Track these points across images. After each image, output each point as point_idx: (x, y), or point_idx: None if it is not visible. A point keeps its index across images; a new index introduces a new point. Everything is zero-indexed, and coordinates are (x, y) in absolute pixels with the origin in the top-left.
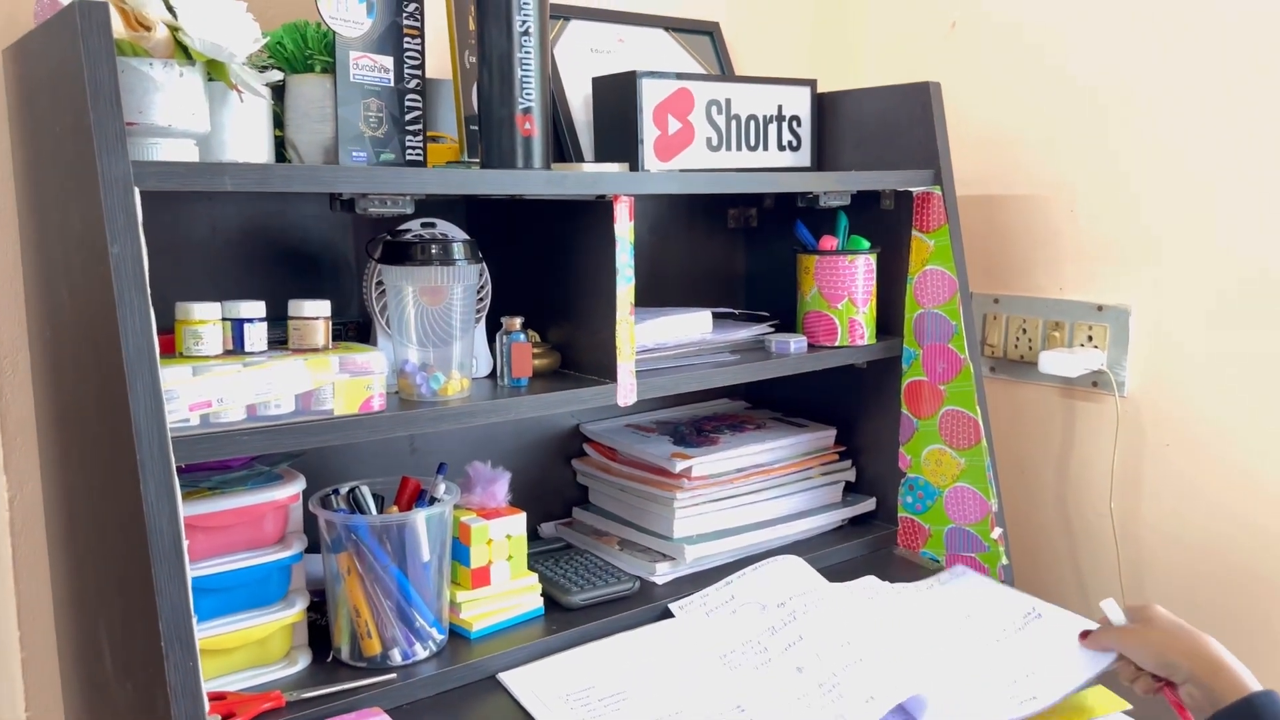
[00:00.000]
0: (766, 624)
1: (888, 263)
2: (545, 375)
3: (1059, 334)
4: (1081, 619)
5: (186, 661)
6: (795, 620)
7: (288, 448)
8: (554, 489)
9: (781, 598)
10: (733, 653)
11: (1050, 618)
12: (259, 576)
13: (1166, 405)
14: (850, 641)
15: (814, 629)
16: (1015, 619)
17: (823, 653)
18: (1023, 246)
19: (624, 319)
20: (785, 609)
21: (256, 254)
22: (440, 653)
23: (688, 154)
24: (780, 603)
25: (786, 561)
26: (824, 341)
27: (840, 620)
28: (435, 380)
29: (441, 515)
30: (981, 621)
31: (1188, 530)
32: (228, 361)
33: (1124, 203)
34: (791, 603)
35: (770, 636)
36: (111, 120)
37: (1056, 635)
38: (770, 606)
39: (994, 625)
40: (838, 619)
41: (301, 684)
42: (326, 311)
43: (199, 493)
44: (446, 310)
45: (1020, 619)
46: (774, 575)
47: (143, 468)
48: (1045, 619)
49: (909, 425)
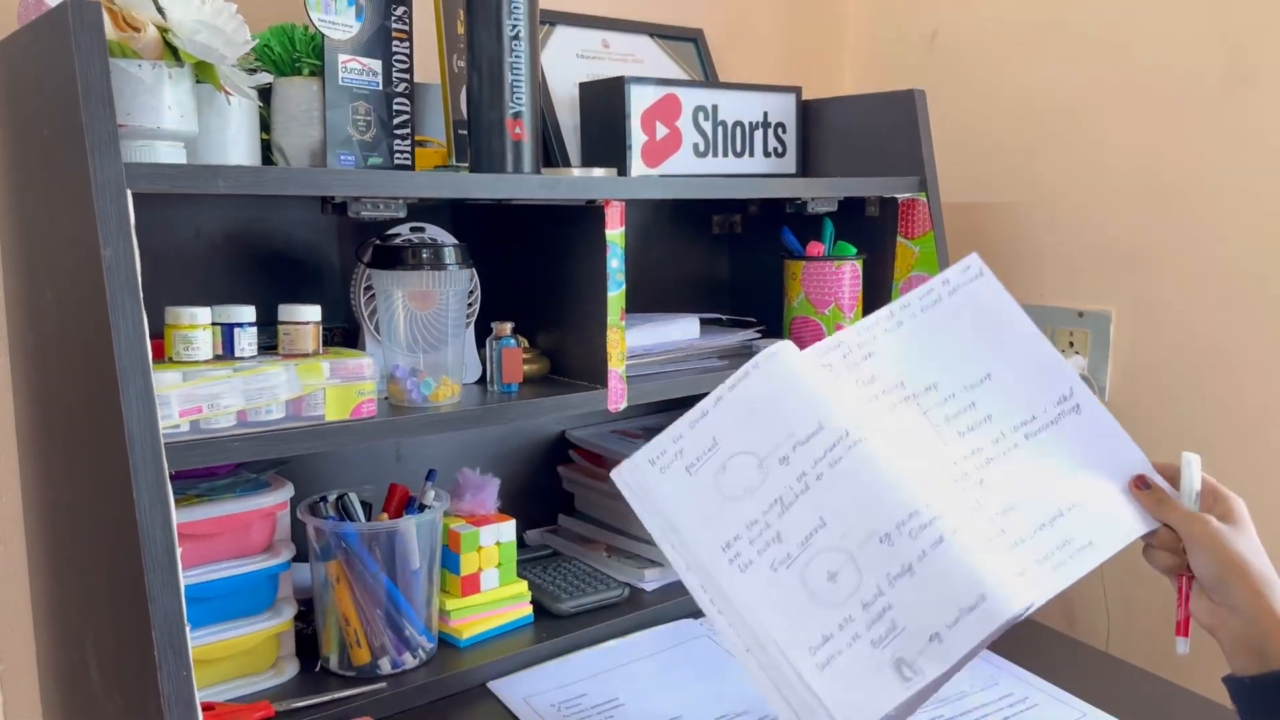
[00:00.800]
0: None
1: (873, 269)
2: (535, 381)
3: None
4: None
5: (180, 672)
6: (809, 490)
7: (279, 454)
8: (539, 496)
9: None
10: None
11: (1089, 414)
12: (246, 585)
13: (1149, 410)
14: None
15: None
16: (1048, 404)
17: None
18: (1004, 253)
19: (614, 324)
20: (792, 468)
21: (241, 259)
22: (430, 661)
23: (675, 160)
24: (783, 457)
25: (778, 369)
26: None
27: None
28: (426, 385)
29: (432, 522)
30: (1002, 394)
31: None
32: (218, 366)
33: (1103, 210)
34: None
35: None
36: (104, 121)
37: (1096, 446)
38: (771, 463)
39: (1019, 408)
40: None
41: (290, 694)
42: (318, 316)
43: (186, 500)
44: (436, 315)
45: (1054, 406)
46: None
47: (135, 474)
48: (1083, 414)
49: None
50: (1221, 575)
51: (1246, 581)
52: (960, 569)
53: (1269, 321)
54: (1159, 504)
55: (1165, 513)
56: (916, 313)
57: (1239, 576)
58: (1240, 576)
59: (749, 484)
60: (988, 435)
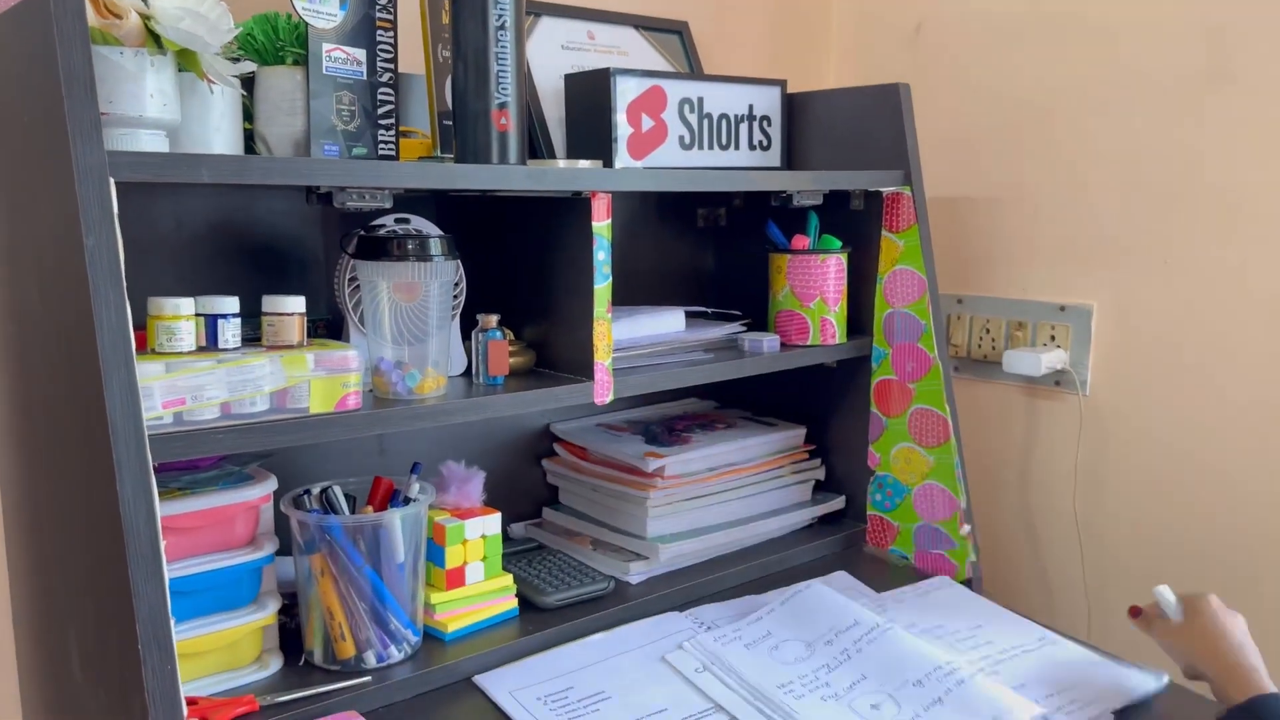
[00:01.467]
0: (820, 662)
1: (858, 263)
2: (520, 374)
3: (1022, 333)
4: (1089, 651)
5: (164, 666)
6: (851, 659)
7: (263, 447)
8: (523, 489)
9: (828, 634)
10: (789, 685)
11: (1061, 645)
12: (230, 579)
13: (1128, 403)
14: (921, 681)
15: (877, 668)
16: (1028, 640)
17: (898, 693)
18: (986, 247)
19: (601, 317)
20: (835, 647)
21: (223, 250)
22: (415, 655)
23: (660, 152)
24: (827, 640)
25: (817, 592)
26: (796, 340)
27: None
28: (411, 378)
29: (417, 515)
30: (998, 640)
31: (1150, 527)
32: (202, 358)
33: (1085, 204)
34: (840, 639)
35: (828, 673)
36: (86, 109)
37: (1075, 658)
38: (818, 645)
39: (1010, 642)
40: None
41: (274, 688)
42: (302, 308)
43: (169, 493)
44: (422, 307)
45: (1034, 641)
46: (809, 608)
47: (119, 466)
48: (1058, 645)
49: (878, 424)
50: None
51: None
52: (981, 696)
53: (1249, 316)
54: (1148, 623)
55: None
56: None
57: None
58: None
59: (799, 656)
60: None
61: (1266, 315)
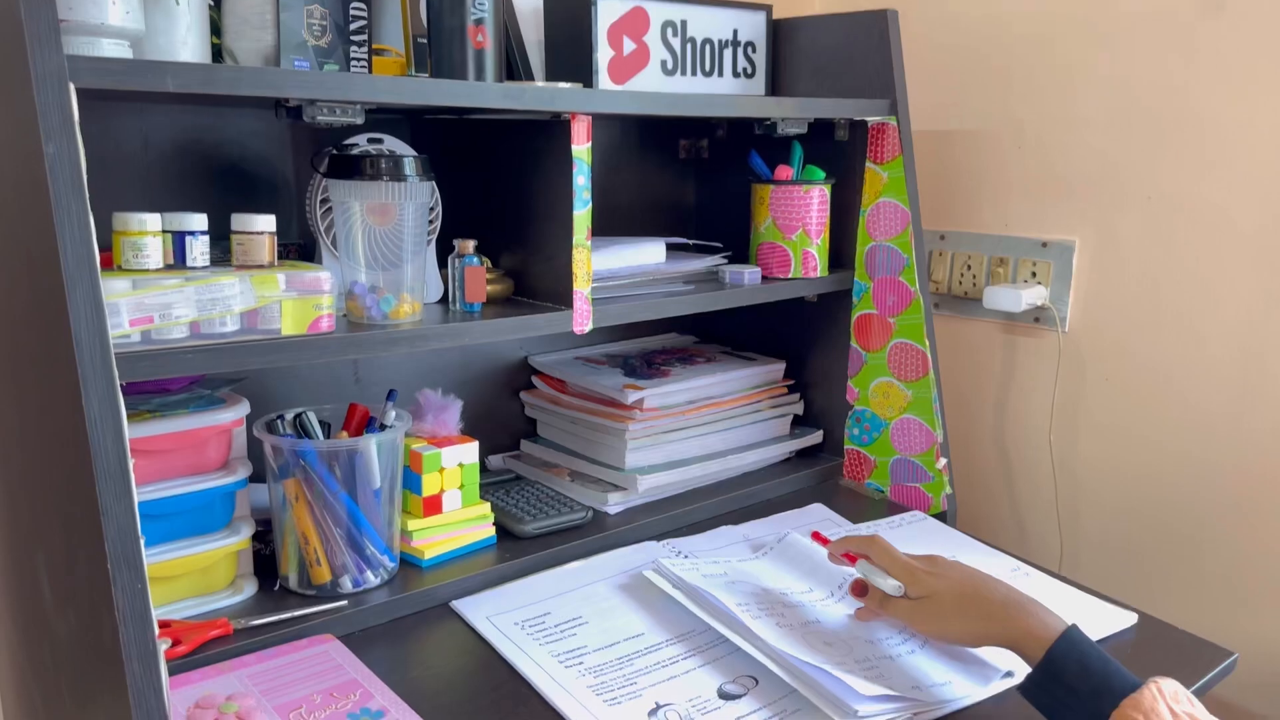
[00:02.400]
0: (774, 600)
1: (841, 195)
2: (498, 302)
3: (1003, 270)
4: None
5: (135, 584)
6: (805, 608)
7: (234, 368)
8: (501, 422)
9: (783, 590)
10: (746, 605)
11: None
12: (202, 503)
13: (1106, 340)
14: (873, 641)
15: (830, 621)
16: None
17: (850, 642)
18: (970, 182)
19: (580, 244)
20: (790, 598)
21: (191, 170)
22: (392, 580)
23: (642, 77)
24: (783, 592)
25: (777, 558)
26: (777, 273)
27: (855, 621)
28: (386, 303)
29: (393, 442)
30: None
31: (1123, 463)
32: (170, 276)
33: (1071, 138)
34: (796, 598)
35: (783, 608)
36: (44, 11)
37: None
38: (773, 592)
39: None
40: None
41: (248, 612)
42: (272, 227)
43: (139, 415)
44: (396, 231)
45: (1007, 573)
46: (768, 568)
47: (84, 383)
48: (1030, 578)
49: (858, 358)
50: (954, 638)
51: (970, 629)
52: (935, 661)
53: (1231, 253)
54: (882, 604)
55: (885, 613)
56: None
57: (968, 632)
58: (968, 632)
59: (754, 595)
60: None
61: (1248, 253)
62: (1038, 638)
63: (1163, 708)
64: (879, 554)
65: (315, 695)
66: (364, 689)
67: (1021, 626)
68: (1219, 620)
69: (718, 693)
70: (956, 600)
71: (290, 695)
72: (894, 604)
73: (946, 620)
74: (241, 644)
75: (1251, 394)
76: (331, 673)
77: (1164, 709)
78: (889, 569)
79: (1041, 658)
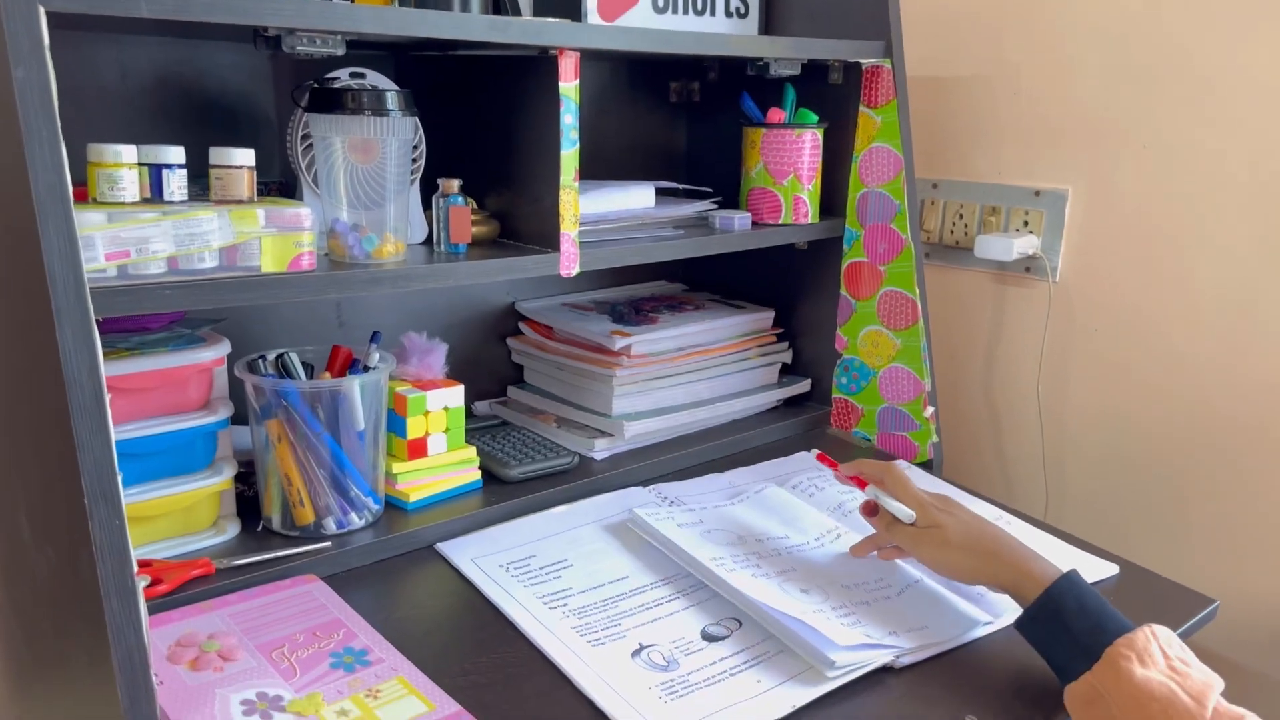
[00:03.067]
0: (750, 549)
1: (834, 140)
2: (483, 244)
3: (995, 219)
4: None
5: (112, 520)
6: (781, 556)
7: (213, 305)
8: (488, 368)
9: (759, 536)
10: (721, 559)
11: (1017, 526)
12: (183, 442)
13: (1097, 290)
14: (850, 586)
15: (806, 568)
16: None
17: (827, 588)
18: (963, 130)
19: (567, 184)
20: (765, 546)
21: (170, 105)
22: (376, 523)
23: (633, 14)
24: (759, 538)
25: (756, 502)
26: (768, 219)
27: (832, 567)
28: (369, 241)
29: (376, 384)
30: None
31: (1110, 413)
32: (147, 209)
33: (1067, 85)
34: (771, 543)
35: (759, 559)
36: None
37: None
38: (749, 540)
39: None
40: (829, 566)
41: (231, 552)
42: (252, 161)
43: (117, 353)
44: (379, 168)
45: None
46: (746, 514)
47: (58, 315)
48: (1014, 526)
49: (847, 307)
50: (959, 576)
51: (978, 569)
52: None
53: (1224, 203)
54: (889, 527)
55: (894, 541)
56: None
57: (975, 572)
58: (976, 572)
59: (730, 542)
60: None
61: (1242, 203)
62: (1037, 579)
63: (1155, 649)
64: (894, 481)
65: (298, 634)
66: (347, 628)
67: (1022, 568)
68: (1202, 569)
69: (701, 634)
70: (963, 536)
71: (273, 634)
72: (901, 530)
73: (950, 552)
74: (224, 583)
75: (1241, 346)
76: (315, 612)
77: (1156, 651)
78: (902, 498)
79: (1041, 594)
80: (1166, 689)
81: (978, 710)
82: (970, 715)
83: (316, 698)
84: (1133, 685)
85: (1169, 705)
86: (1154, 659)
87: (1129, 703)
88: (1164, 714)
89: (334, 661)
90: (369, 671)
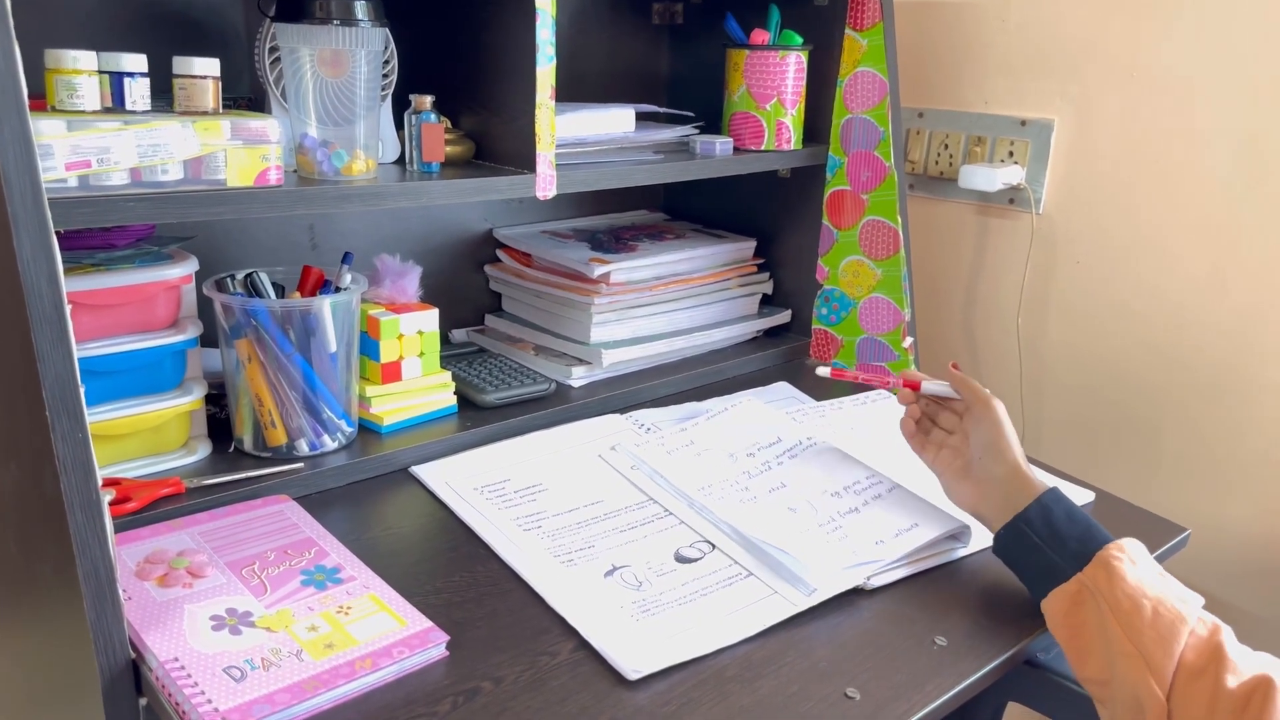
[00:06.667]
0: (740, 469)
1: (818, 65)
2: (458, 164)
3: (981, 149)
4: None
5: (75, 433)
6: (771, 470)
7: (177, 218)
8: (465, 295)
9: (749, 448)
10: (709, 487)
11: None
12: (150, 360)
13: (1079, 223)
14: (838, 493)
15: (796, 478)
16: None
17: (815, 500)
18: (951, 57)
19: (544, 103)
20: (756, 459)
21: (135, 18)
22: (349, 445)
23: None
24: (749, 453)
25: (745, 409)
26: (750, 144)
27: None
28: (338, 158)
29: (348, 304)
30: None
31: (1089, 346)
32: (108, 118)
33: (1055, 13)
34: (762, 453)
35: (748, 479)
36: None
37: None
38: (739, 455)
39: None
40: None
41: (202, 473)
42: (216, 71)
43: (82, 269)
44: (349, 83)
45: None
46: (735, 423)
47: (15, 222)
48: None
49: (829, 236)
50: (994, 441)
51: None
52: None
53: (1210, 136)
54: (963, 381)
55: (971, 388)
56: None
57: (1008, 444)
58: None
59: (720, 463)
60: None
61: (1226, 136)
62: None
63: (1143, 555)
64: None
65: (269, 552)
66: (319, 546)
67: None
68: (1174, 499)
69: (674, 556)
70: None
71: (243, 552)
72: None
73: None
74: (194, 503)
75: (1219, 280)
76: (286, 531)
77: (1143, 554)
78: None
79: (1032, 501)
80: (1159, 586)
81: (948, 632)
82: (939, 637)
83: (287, 613)
84: (1126, 583)
85: (1159, 603)
86: (1145, 562)
87: (1123, 600)
88: (1155, 611)
89: (305, 579)
90: (340, 589)
